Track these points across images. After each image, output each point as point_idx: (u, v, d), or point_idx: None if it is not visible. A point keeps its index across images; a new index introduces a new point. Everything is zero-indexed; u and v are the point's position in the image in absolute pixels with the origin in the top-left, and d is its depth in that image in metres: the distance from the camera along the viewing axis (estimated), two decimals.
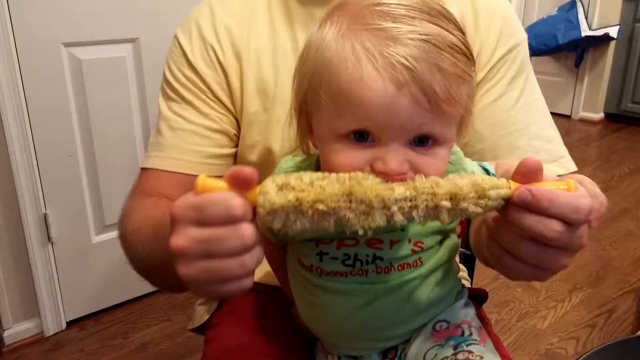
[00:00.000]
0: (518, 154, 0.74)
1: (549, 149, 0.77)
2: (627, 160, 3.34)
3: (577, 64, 4.11)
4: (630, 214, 2.62)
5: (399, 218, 0.45)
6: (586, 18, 3.91)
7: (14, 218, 1.61)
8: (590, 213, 0.45)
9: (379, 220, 0.44)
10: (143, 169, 0.77)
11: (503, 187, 0.45)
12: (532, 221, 0.44)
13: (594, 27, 3.92)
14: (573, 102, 4.24)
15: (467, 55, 0.50)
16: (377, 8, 0.49)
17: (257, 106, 0.75)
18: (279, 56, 0.74)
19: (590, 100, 4.15)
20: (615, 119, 4.10)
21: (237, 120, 0.77)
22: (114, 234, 1.82)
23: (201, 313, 0.88)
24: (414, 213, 0.45)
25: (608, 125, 4.07)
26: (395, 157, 0.48)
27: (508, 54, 0.75)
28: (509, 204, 0.46)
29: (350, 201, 0.44)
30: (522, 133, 0.75)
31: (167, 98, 0.78)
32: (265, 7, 0.77)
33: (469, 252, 1.00)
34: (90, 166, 1.72)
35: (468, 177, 0.46)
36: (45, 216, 1.65)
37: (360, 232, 0.45)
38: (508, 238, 0.47)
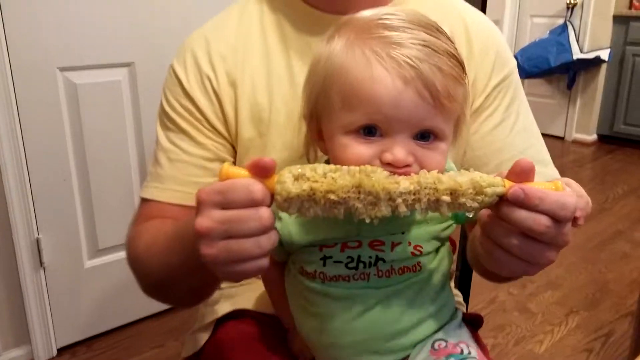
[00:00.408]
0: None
1: (544, 172, 0.79)
2: (621, 181, 3.35)
3: (570, 86, 4.16)
4: (625, 236, 2.63)
5: (402, 209, 0.49)
6: (577, 41, 3.97)
7: (5, 243, 1.59)
8: (576, 211, 0.50)
9: (385, 210, 0.49)
10: (144, 199, 0.78)
11: (498, 185, 0.50)
12: (523, 216, 0.48)
13: (585, 50, 3.98)
14: (566, 123, 4.27)
15: (459, 61, 0.57)
16: (379, 22, 0.56)
17: (252, 132, 0.75)
18: (273, 82, 0.75)
19: (583, 122, 4.19)
20: (608, 140, 4.13)
21: (233, 147, 0.78)
22: (107, 258, 1.82)
23: (195, 341, 0.87)
24: (417, 205, 0.50)
25: (601, 147, 4.10)
26: (402, 148, 0.54)
27: (503, 81, 0.77)
28: (502, 200, 0.50)
29: (359, 192, 0.49)
30: (520, 158, 0.76)
31: (165, 127, 0.78)
32: (260, 34, 0.77)
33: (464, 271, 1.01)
34: (84, 190, 1.71)
35: (467, 175, 0.50)
36: (37, 241, 1.64)
37: (367, 221, 0.50)
38: (500, 233, 0.51)
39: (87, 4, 1.58)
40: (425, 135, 0.56)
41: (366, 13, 0.60)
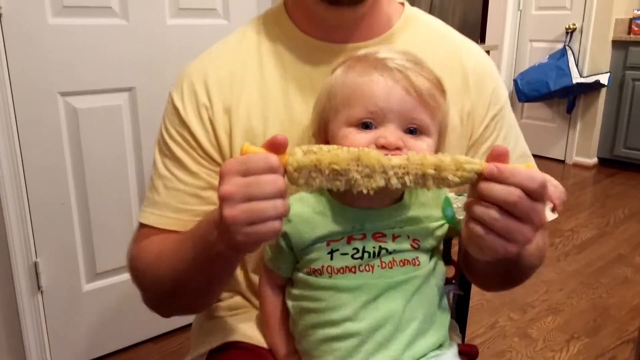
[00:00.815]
0: None
1: None
2: (622, 205, 3.34)
3: (569, 110, 4.18)
4: (626, 261, 2.61)
5: (394, 181, 0.57)
6: (577, 65, 4.00)
7: (3, 266, 1.59)
8: (543, 187, 0.55)
9: (379, 181, 0.57)
10: (141, 224, 0.80)
11: (476, 164, 0.57)
12: (497, 188, 0.55)
13: (584, 74, 4.01)
14: (566, 147, 4.28)
15: (439, 81, 0.69)
16: (374, 53, 0.69)
17: None
18: (269, 108, 0.77)
19: (583, 146, 4.20)
20: (609, 164, 4.13)
21: None
22: (105, 282, 1.82)
23: None
24: (406, 178, 0.57)
25: (602, 170, 4.10)
26: (394, 133, 0.64)
27: (500, 112, 0.81)
28: (480, 179, 0.56)
29: (358, 165, 0.57)
30: (496, 145, 0.81)
31: (162, 154, 0.80)
32: (257, 61, 0.79)
33: (461, 293, 1.03)
34: (83, 214, 1.71)
35: (450, 155, 0.58)
36: (35, 264, 1.64)
37: (364, 191, 0.57)
38: (480, 210, 0.56)
39: (88, 30, 1.61)
40: (413, 130, 0.66)
41: (362, 51, 0.70)
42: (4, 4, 1.45)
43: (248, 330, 0.82)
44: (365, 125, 0.65)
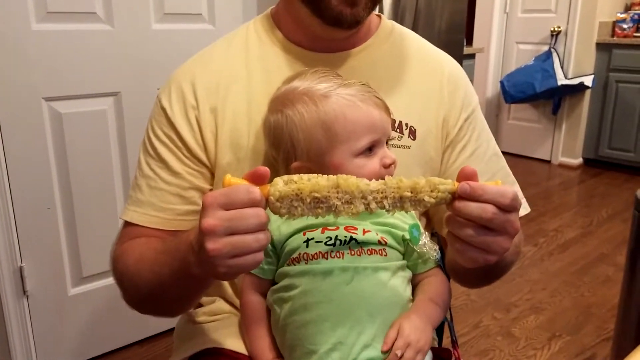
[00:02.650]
0: None
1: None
2: (606, 205, 3.39)
3: (555, 111, 4.23)
4: (608, 260, 2.65)
5: (373, 206, 0.59)
6: (562, 67, 4.05)
7: None
8: (515, 200, 0.59)
9: (359, 207, 0.59)
10: (125, 222, 0.83)
11: (449, 184, 0.60)
12: (471, 207, 0.58)
13: (569, 76, 4.06)
14: (552, 147, 4.33)
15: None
16: (324, 75, 0.76)
17: (230, 157, 0.80)
18: (253, 110, 0.80)
19: (568, 146, 4.25)
20: (594, 164, 4.19)
21: (212, 173, 0.82)
22: (91, 285, 1.82)
23: None
24: (385, 202, 0.60)
25: (587, 170, 4.15)
26: (390, 152, 0.75)
27: (471, 114, 0.87)
28: (455, 198, 0.59)
29: (338, 192, 0.59)
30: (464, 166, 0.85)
31: (147, 154, 0.83)
32: (244, 66, 0.83)
33: None
34: (68, 218, 1.72)
35: (425, 178, 0.61)
36: (21, 269, 1.64)
37: (345, 218, 0.60)
38: (457, 226, 0.60)
39: (72, 35, 1.62)
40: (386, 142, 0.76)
41: (309, 73, 0.77)
42: None
43: (228, 337, 0.83)
44: (369, 149, 0.73)
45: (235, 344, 0.82)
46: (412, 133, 0.83)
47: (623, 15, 3.99)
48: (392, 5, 2.72)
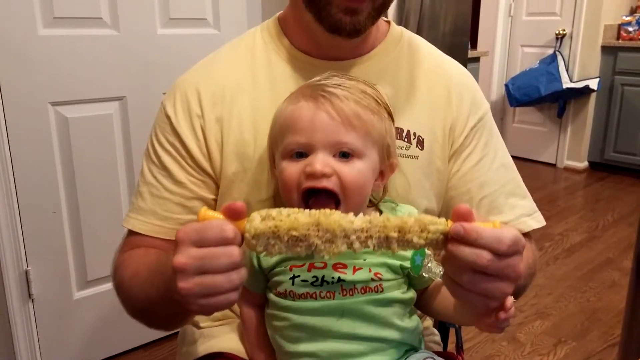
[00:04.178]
0: (496, 212, 0.83)
1: (525, 205, 0.86)
2: (611, 209, 3.38)
3: (560, 114, 4.22)
4: (614, 264, 2.64)
5: (357, 246, 0.55)
6: (567, 70, 4.04)
7: None
8: (515, 244, 0.54)
9: (341, 246, 0.55)
10: (129, 230, 0.82)
11: (441, 224, 0.55)
12: (465, 252, 0.53)
13: (574, 79, 4.05)
14: (557, 151, 4.32)
15: (376, 100, 0.70)
16: (323, 78, 0.71)
17: (235, 167, 0.78)
18: (259, 119, 0.78)
19: (574, 150, 4.24)
20: (599, 167, 4.17)
21: (216, 184, 0.81)
22: (96, 289, 1.83)
23: None
24: (369, 242, 0.55)
25: (592, 174, 4.13)
26: (319, 160, 0.65)
27: (478, 122, 0.84)
28: (448, 239, 0.55)
29: (318, 230, 0.54)
30: (500, 192, 0.84)
31: (150, 162, 0.82)
32: (250, 74, 0.81)
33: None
34: (74, 222, 1.73)
35: (415, 217, 0.56)
36: (26, 273, 1.65)
37: (326, 257, 0.55)
38: (453, 270, 0.55)
39: (78, 40, 1.63)
40: (345, 154, 0.66)
41: (324, 74, 0.72)
42: None
43: (232, 342, 0.83)
44: (299, 154, 0.66)
45: (238, 349, 0.82)
46: (420, 143, 0.80)
47: (628, 18, 3.97)
48: (397, 9, 2.72)
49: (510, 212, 0.83)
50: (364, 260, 0.68)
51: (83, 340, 1.82)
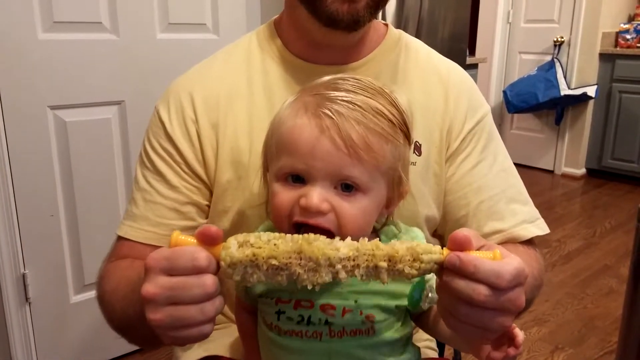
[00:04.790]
0: (496, 217, 0.80)
1: (527, 211, 0.83)
2: (609, 216, 3.38)
3: (558, 121, 4.23)
4: (611, 272, 2.64)
5: (342, 275, 0.50)
6: (565, 77, 4.05)
7: None
8: (516, 278, 0.49)
9: (325, 276, 0.50)
10: (118, 237, 0.80)
11: (435, 253, 0.51)
12: (461, 285, 0.49)
13: (572, 86, 4.06)
14: (555, 157, 4.33)
15: (392, 121, 0.59)
16: (329, 84, 0.61)
17: (230, 174, 0.77)
18: (254, 126, 0.77)
19: (571, 156, 4.25)
20: (597, 174, 4.18)
21: (210, 190, 0.80)
22: (93, 293, 1.80)
23: None
24: (356, 272, 0.50)
25: (590, 181, 4.14)
26: (317, 194, 0.56)
27: (476, 125, 0.81)
28: (443, 269, 0.51)
29: (301, 258, 0.50)
30: (500, 197, 0.81)
31: (144, 167, 0.80)
32: (245, 80, 0.80)
33: None
34: (71, 226, 1.73)
35: (407, 243, 0.51)
36: (24, 276, 1.65)
37: (309, 287, 0.51)
38: (448, 302, 0.52)
39: (78, 45, 1.63)
40: (348, 186, 0.58)
41: (326, 77, 0.63)
42: None
43: (227, 346, 0.83)
44: (296, 178, 0.58)
45: (234, 353, 0.82)
46: (417, 149, 0.78)
47: (626, 26, 3.99)
48: (395, 15, 2.73)
49: (511, 217, 0.80)
50: (355, 302, 0.61)
51: (80, 344, 1.82)
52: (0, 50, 1.50)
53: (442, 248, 0.52)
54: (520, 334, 0.55)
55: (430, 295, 0.62)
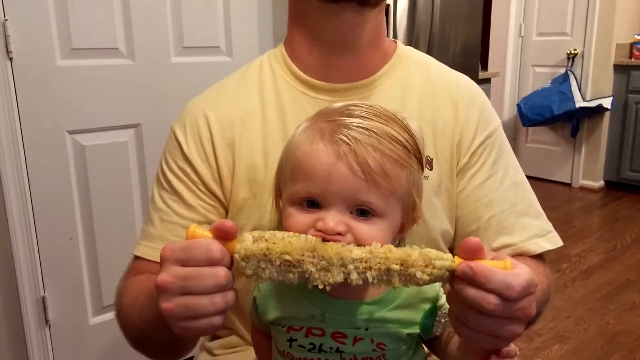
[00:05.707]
0: (506, 232, 0.80)
1: (538, 225, 0.82)
2: (629, 229, 3.33)
3: (573, 134, 4.19)
4: (634, 286, 2.59)
5: (354, 277, 0.51)
6: (579, 90, 4.03)
7: (12, 301, 1.62)
8: (527, 289, 0.50)
9: (337, 276, 0.51)
10: (135, 256, 0.81)
11: (448, 260, 0.52)
12: (472, 294, 0.50)
13: (587, 98, 4.03)
14: (572, 170, 4.29)
15: (407, 148, 0.60)
16: (343, 110, 0.61)
17: (245, 192, 0.78)
18: (269, 145, 0.78)
19: (589, 169, 4.20)
20: (616, 187, 4.12)
21: (225, 209, 0.80)
22: (111, 315, 1.82)
23: None
24: (368, 274, 0.51)
25: (608, 193, 4.09)
26: (333, 217, 0.56)
27: (487, 139, 0.81)
28: (454, 277, 0.52)
29: (314, 256, 0.51)
30: (510, 212, 0.80)
31: (160, 187, 0.81)
32: (258, 99, 0.81)
33: None
34: (90, 248, 1.75)
35: (419, 249, 0.52)
36: (43, 299, 1.67)
37: (320, 286, 0.51)
38: (459, 310, 0.52)
39: (95, 70, 1.67)
40: (364, 212, 0.57)
41: (338, 104, 0.64)
42: (14, 49, 1.52)
43: None
44: (311, 203, 0.58)
45: None
46: (429, 163, 0.78)
47: None
48: (406, 31, 2.75)
49: (521, 232, 0.80)
50: (366, 330, 0.61)
51: None
52: (21, 77, 1.54)
53: (454, 255, 0.53)
54: (511, 346, 0.56)
55: (443, 320, 0.62)
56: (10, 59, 1.52)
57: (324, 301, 0.61)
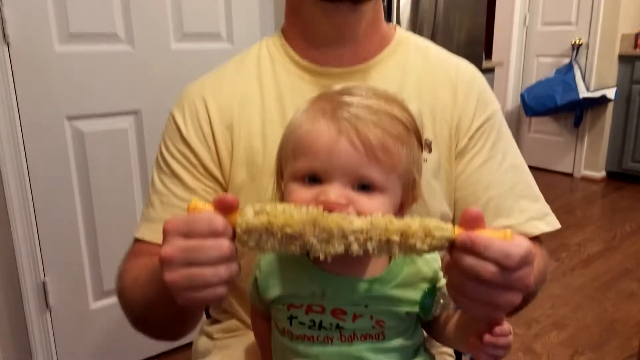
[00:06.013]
0: (504, 214, 0.80)
1: (536, 208, 0.83)
2: (629, 219, 3.33)
3: (577, 124, 4.18)
4: (633, 275, 2.59)
5: (355, 247, 0.52)
6: (584, 80, 4.01)
7: (12, 286, 1.64)
8: (525, 259, 0.51)
9: (338, 247, 0.52)
10: (135, 239, 0.82)
11: (447, 230, 0.52)
12: (470, 262, 0.51)
13: (591, 88, 4.01)
14: (574, 160, 4.28)
15: (407, 126, 0.60)
16: (345, 91, 0.62)
17: (244, 175, 0.79)
18: (267, 128, 0.79)
19: (591, 159, 4.19)
20: (617, 177, 4.12)
21: (224, 191, 0.81)
22: (112, 299, 1.85)
23: None
24: (369, 244, 0.52)
25: (610, 184, 4.08)
26: (335, 190, 0.57)
27: (486, 122, 0.82)
28: (454, 247, 0.52)
29: (315, 228, 0.51)
30: (508, 194, 0.81)
31: (160, 171, 0.83)
32: (257, 83, 0.82)
33: None
34: (90, 234, 1.76)
35: (419, 219, 0.53)
36: (44, 284, 1.68)
37: (322, 257, 0.52)
38: (456, 279, 0.53)
39: (94, 56, 1.67)
40: (365, 186, 0.58)
41: (338, 86, 0.65)
42: (11, 34, 1.52)
43: (244, 353, 0.83)
44: (312, 179, 0.59)
45: (252, 359, 0.82)
46: (428, 146, 0.79)
47: None
48: (410, 20, 2.74)
49: (519, 214, 0.81)
50: (366, 307, 0.62)
51: (100, 350, 1.85)
52: (18, 63, 1.54)
53: (454, 226, 0.53)
54: (505, 324, 0.56)
55: (442, 301, 0.63)
56: (8, 43, 1.52)
57: (325, 278, 0.62)
